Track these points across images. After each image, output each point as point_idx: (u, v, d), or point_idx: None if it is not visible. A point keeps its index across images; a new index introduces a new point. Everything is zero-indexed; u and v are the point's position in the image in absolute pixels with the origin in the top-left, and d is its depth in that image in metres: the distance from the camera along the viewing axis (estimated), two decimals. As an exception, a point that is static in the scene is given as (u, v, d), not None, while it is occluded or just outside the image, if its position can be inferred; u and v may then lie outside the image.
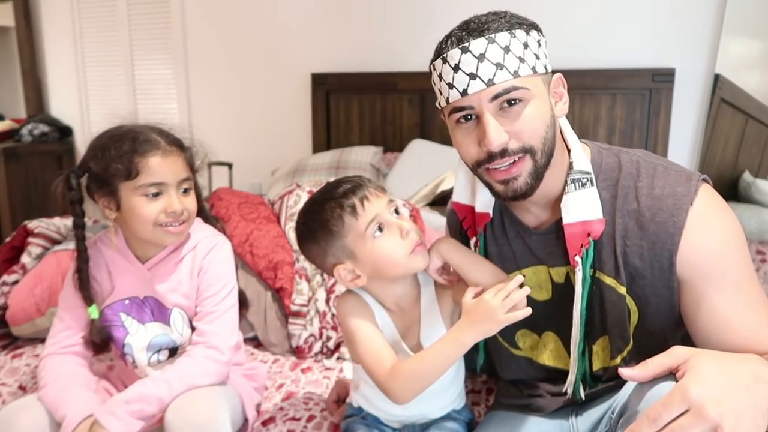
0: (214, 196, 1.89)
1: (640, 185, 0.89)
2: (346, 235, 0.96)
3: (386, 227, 0.96)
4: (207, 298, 1.13)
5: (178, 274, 1.14)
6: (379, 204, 0.97)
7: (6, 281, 1.68)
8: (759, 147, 2.38)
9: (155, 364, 1.15)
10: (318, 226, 0.97)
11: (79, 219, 1.10)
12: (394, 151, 2.86)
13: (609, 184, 0.92)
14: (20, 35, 3.69)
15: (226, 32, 3.24)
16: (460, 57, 0.85)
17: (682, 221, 0.85)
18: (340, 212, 0.95)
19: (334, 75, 2.98)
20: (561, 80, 0.93)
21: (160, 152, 1.06)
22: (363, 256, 0.96)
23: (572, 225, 0.91)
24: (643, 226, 0.87)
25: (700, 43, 2.45)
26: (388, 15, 2.89)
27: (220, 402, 1.03)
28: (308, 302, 1.63)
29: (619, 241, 0.90)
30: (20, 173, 3.40)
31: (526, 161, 0.88)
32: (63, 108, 3.77)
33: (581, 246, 0.91)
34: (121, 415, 0.99)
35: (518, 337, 1.08)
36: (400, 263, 0.96)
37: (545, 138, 0.88)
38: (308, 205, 1.01)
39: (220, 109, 3.36)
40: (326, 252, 0.98)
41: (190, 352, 1.09)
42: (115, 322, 1.14)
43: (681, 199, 0.85)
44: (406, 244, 0.95)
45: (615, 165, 0.93)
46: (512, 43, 0.84)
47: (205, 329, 1.11)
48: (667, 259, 0.86)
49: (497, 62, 0.83)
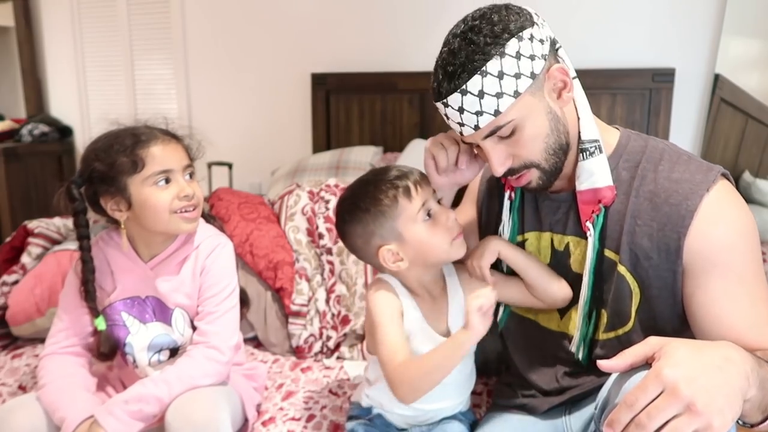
0: (214, 196, 1.89)
1: (661, 168, 0.91)
2: (398, 216, 0.98)
3: (434, 214, 1.00)
4: (208, 298, 1.13)
5: (181, 273, 1.14)
6: (428, 191, 1.01)
7: (6, 281, 1.68)
8: (759, 147, 2.38)
9: (156, 364, 1.15)
10: (371, 205, 0.99)
11: (84, 229, 1.09)
12: (394, 151, 2.86)
13: (630, 165, 0.94)
14: (20, 35, 3.69)
15: (226, 32, 3.24)
16: (444, 111, 0.90)
17: (695, 205, 0.85)
18: (395, 193, 0.98)
19: (334, 75, 2.97)
20: (557, 71, 0.89)
21: (160, 141, 1.07)
22: (410, 238, 0.99)
23: (584, 192, 0.94)
24: (657, 206, 0.89)
25: (700, 43, 2.45)
26: (388, 15, 2.89)
27: (221, 402, 1.03)
28: (308, 302, 1.63)
29: (629, 220, 0.91)
30: (20, 173, 3.40)
31: (532, 172, 0.92)
32: (63, 108, 3.77)
33: (592, 212, 0.94)
34: (120, 415, 0.98)
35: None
36: (443, 249, 1.00)
37: (547, 148, 0.90)
38: (359, 186, 1.03)
39: (220, 109, 3.36)
40: (374, 232, 1.00)
41: (190, 353, 1.09)
42: (116, 321, 1.14)
43: (698, 185, 0.87)
44: (450, 232, 1.00)
45: (640, 149, 0.95)
46: (485, 84, 0.84)
47: (206, 329, 1.11)
48: (675, 241, 0.87)
49: (476, 111, 0.86)
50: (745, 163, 2.40)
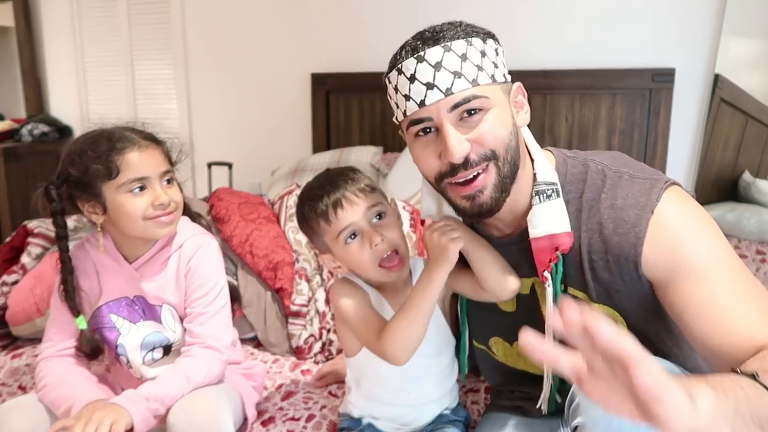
0: (214, 196, 1.88)
1: (603, 197, 0.87)
2: (323, 234, 1.01)
3: (360, 235, 0.98)
4: (197, 300, 1.13)
5: (165, 273, 1.14)
6: (355, 211, 0.97)
7: (6, 281, 1.68)
8: (759, 147, 2.38)
9: (150, 363, 1.15)
10: (301, 219, 1.04)
11: (62, 230, 1.09)
12: (394, 151, 2.86)
13: (574, 197, 0.90)
14: (20, 35, 3.69)
15: (226, 32, 3.24)
16: (415, 66, 0.83)
17: (643, 231, 0.82)
18: (315, 216, 0.99)
19: (334, 75, 2.97)
20: (521, 89, 0.91)
21: (136, 147, 1.06)
22: (339, 255, 1.01)
23: (539, 239, 0.88)
24: (606, 239, 0.85)
25: (700, 43, 2.45)
26: (388, 15, 2.89)
27: (223, 402, 1.04)
28: (308, 302, 1.63)
29: (585, 256, 0.87)
30: (20, 173, 3.39)
31: (489, 172, 0.85)
32: (63, 108, 3.77)
33: (549, 261, 0.88)
34: (143, 411, 0.99)
35: (492, 343, 1.08)
36: (368, 270, 0.99)
37: (508, 145, 0.85)
38: (301, 195, 1.05)
39: (220, 109, 3.36)
40: (313, 241, 1.06)
41: (191, 352, 1.09)
42: (106, 323, 1.14)
43: (642, 208, 0.83)
44: (375, 256, 0.97)
45: (580, 176, 0.91)
46: (469, 51, 0.82)
47: (198, 331, 1.11)
48: (634, 270, 0.84)
49: (454, 70, 0.81)
50: (745, 163, 2.40)
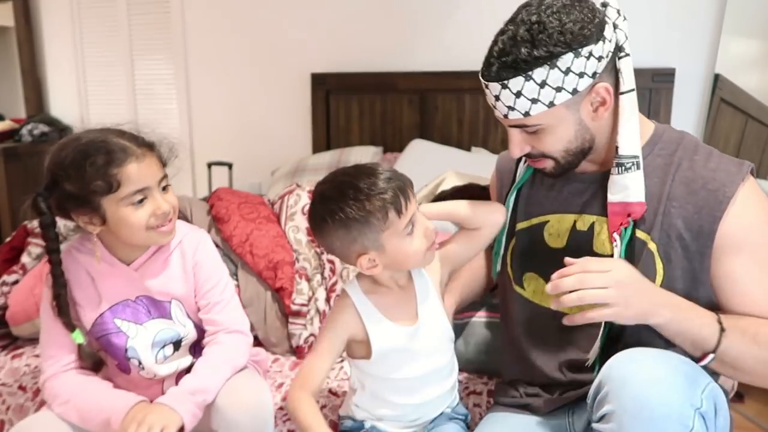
0: (214, 196, 1.88)
1: (696, 158, 0.97)
2: (385, 230, 0.97)
3: (416, 226, 1.01)
4: (210, 291, 1.15)
5: (169, 270, 1.14)
6: (414, 204, 1.02)
7: (6, 281, 1.68)
8: (759, 147, 2.38)
9: (162, 361, 1.14)
10: (359, 214, 0.94)
11: (53, 243, 1.04)
12: (394, 151, 2.86)
13: (665, 153, 0.99)
14: (20, 35, 3.69)
15: (226, 32, 3.24)
16: (484, 86, 0.97)
17: (732, 192, 0.92)
18: (386, 210, 0.95)
19: (334, 75, 2.98)
20: (604, 89, 0.94)
21: (135, 158, 1.02)
22: (391, 250, 1.00)
23: (614, 204, 0.97)
24: (694, 191, 0.94)
25: (699, 43, 2.45)
26: (388, 15, 2.89)
27: (262, 383, 1.11)
28: (308, 302, 1.63)
29: (664, 202, 0.96)
30: (20, 173, 3.40)
31: (547, 161, 1.00)
32: (63, 108, 3.77)
33: (620, 225, 0.97)
34: (191, 407, 1.00)
35: (525, 278, 1.11)
36: (418, 258, 1.02)
37: (567, 149, 0.98)
38: (347, 187, 0.96)
39: (220, 109, 3.36)
40: (355, 240, 0.97)
41: (218, 339, 1.12)
42: (111, 329, 1.11)
43: (734, 175, 0.94)
44: (427, 241, 1.02)
45: (675, 139, 1.01)
46: (525, 86, 0.90)
47: (219, 319, 1.14)
48: (710, 224, 0.92)
49: (508, 105, 0.93)
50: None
